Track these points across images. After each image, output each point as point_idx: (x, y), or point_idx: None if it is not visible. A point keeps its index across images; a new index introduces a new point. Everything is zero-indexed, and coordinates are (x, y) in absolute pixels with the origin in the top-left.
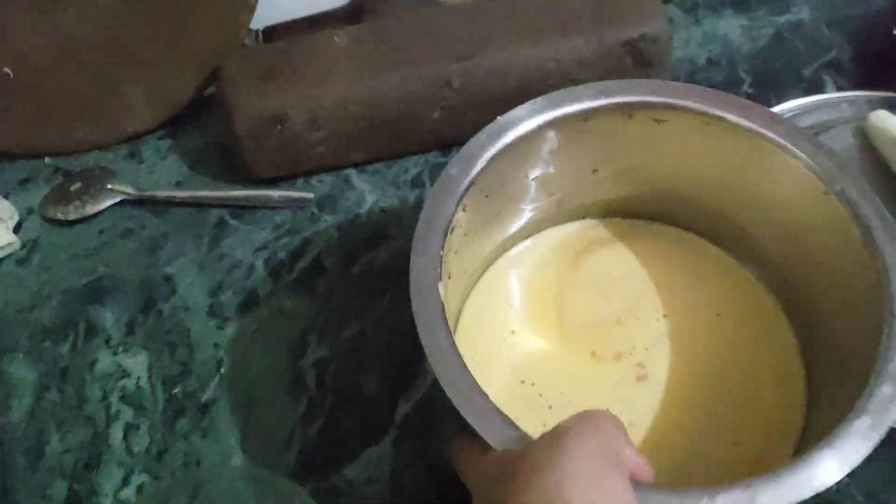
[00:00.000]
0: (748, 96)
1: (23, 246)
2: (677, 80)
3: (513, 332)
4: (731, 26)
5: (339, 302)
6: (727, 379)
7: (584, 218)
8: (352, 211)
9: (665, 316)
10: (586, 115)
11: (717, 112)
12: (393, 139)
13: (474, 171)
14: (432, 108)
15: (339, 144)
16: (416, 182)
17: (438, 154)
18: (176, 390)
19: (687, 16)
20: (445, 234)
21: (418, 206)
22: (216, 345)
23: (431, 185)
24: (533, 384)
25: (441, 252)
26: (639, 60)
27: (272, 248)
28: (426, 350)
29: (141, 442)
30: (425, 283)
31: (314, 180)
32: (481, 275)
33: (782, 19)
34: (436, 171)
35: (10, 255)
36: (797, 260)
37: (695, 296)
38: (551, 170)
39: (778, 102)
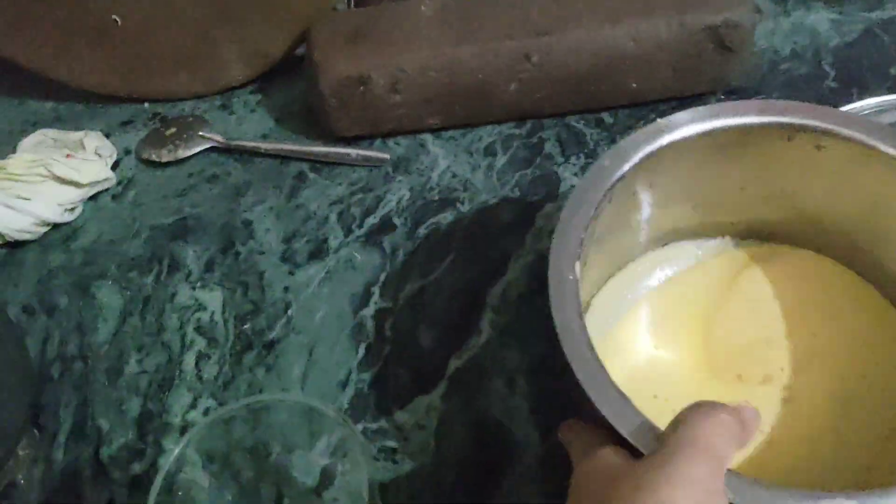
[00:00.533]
0: (830, 90)
1: (119, 182)
2: (758, 69)
3: (655, 347)
4: (820, 19)
5: (404, 259)
6: (870, 398)
7: (722, 236)
8: (424, 174)
9: (814, 335)
10: (748, 129)
11: (878, 144)
12: (470, 108)
13: (627, 167)
14: (510, 80)
15: (418, 109)
16: (489, 151)
17: (512, 126)
18: (246, 326)
19: (776, 6)
20: (589, 221)
21: (487, 174)
22: (286, 288)
23: (504, 154)
24: (667, 399)
25: (583, 235)
26: (719, 46)
27: (346, 203)
28: (556, 326)
29: (210, 370)
30: (563, 263)
31: (391, 142)
32: (615, 274)
33: (874, 15)
34: (509, 141)
35: (106, 190)
36: None
37: (840, 320)
38: (701, 180)
39: (859, 98)
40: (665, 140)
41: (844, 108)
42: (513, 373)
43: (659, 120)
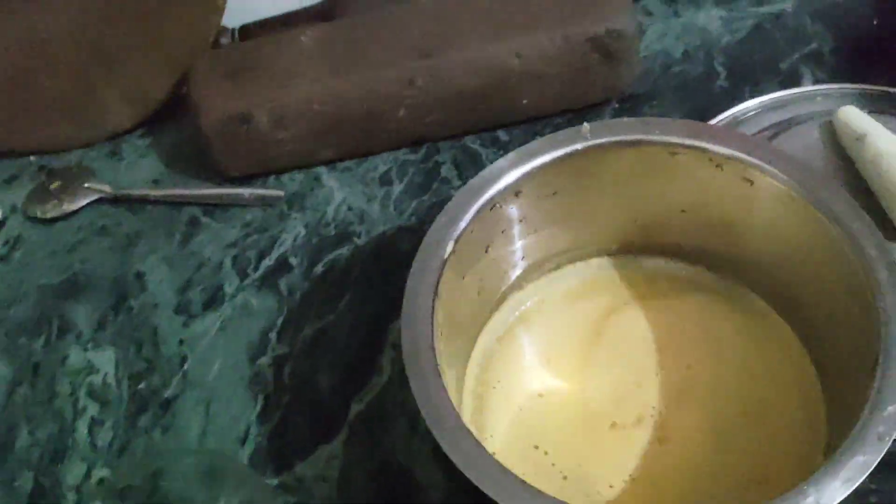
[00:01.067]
0: (723, 90)
1: (5, 243)
2: (651, 74)
3: (540, 396)
4: (710, 18)
5: (301, 300)
6: (751, 421)
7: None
8: (320, 209)
9: (689, 367)
10: (673, 149)
11: (799, 187)
12: (360, 137)
13: (534, 164)
14: (397, 106)
15: (307, 143)
16: (385, 180)
17: (408, 151)
18: (140, 386)
19: (666, 7)
20: (479, 211)
21: (384, 204)
22: (181, 341)
23: (400, 182)
24: (546, 453)
25: (470, 215)
26: (604, 56)
27: (241, 246)
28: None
29: (104, 437)
30: (427, 266)
31: (286, 178)
32: (517, 291)
33: (764, 10)
34: (405, 168)
35: None
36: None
37: (720, 345)
38: (633, 194)
39: (752, 96)
40: (580, 146)
41: (736, 108)
42: (415, 411)
43: (586, 123)
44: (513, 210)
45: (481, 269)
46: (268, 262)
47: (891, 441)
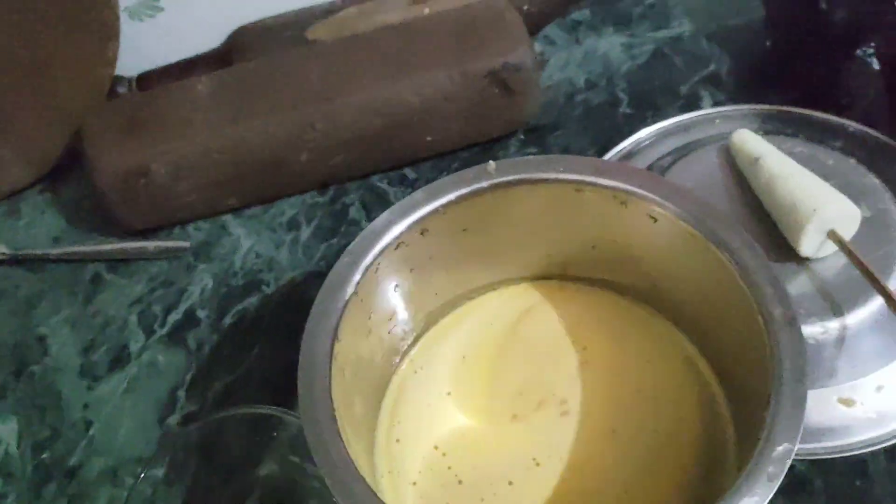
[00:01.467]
0: (625, 117)
1: None
2: (555, 104)
3: (448, 394)
4: (611, 45)
5: (211, 354)
6: (650, 414)
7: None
8: (227, 258)
9: (585, 349)
10: (578, 186)
11: (699, 226)
12: (264, 184)
13: (440, 202)
14: (299, 150)
15: (210, 192)
16: (292, 224)
17: (315, 194)
18: (44, 455)
19: (568, 36)
20: (383, 250)
21: (292, 250)
22: (86, 405)
23: (308, 226)
24: (445, 454)
25: (378, 248)
26: (504, 90)
27: (146, 302)
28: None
29: None
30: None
31: (191, 228)
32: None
33: (662, 35)
34: (312, 211)
35: None
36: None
37: (616, 340)
38: (542, 231)
39: (654, 122)
40: (485, 183)
41: (639, 135)
42: None
43: (491, 162)
44: (420, 248)
45: (390, 307)
46: (175, 316)
47: (780, 481)
